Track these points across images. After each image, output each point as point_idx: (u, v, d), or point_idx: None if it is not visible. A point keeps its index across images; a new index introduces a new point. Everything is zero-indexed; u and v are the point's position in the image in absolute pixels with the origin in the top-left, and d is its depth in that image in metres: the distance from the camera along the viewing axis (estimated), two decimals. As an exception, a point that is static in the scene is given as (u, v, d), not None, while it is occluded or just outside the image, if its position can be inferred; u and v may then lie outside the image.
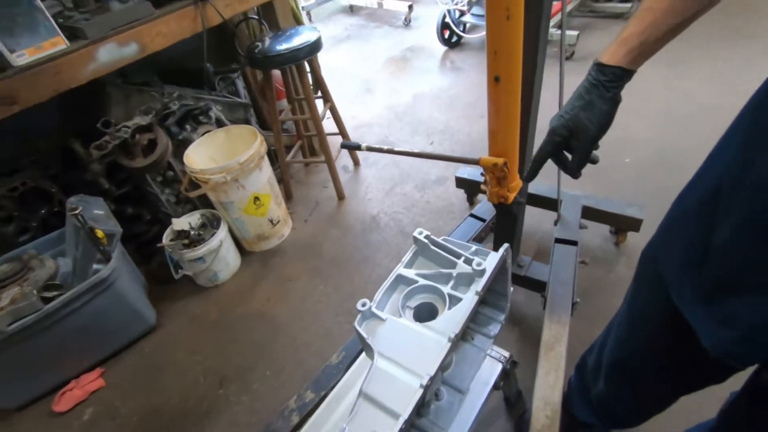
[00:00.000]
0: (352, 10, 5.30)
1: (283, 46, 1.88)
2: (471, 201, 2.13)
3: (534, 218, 1.94)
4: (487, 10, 0.90)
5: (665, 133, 2.29)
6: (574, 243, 1.57)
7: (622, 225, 1.71)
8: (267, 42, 1.94)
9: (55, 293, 1.52)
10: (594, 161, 0.78)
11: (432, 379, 0.76)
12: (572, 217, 1.68)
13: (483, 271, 0.90)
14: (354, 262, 1.97)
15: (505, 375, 1.15)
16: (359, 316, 0.91)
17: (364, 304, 0.91)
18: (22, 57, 1.42)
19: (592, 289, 1.65)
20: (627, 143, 2.30)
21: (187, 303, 1.94)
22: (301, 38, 1.93)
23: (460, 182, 2.03)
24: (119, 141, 1.72)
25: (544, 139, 0.78)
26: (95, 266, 1.64)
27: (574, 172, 0.78)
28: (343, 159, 2.64)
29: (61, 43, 1.50)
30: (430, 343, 0.82)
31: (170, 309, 1.92)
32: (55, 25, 1.47)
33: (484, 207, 1.79)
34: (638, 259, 0.84)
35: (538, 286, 1.52)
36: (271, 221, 2.05)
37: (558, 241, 1.59)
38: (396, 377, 0.79)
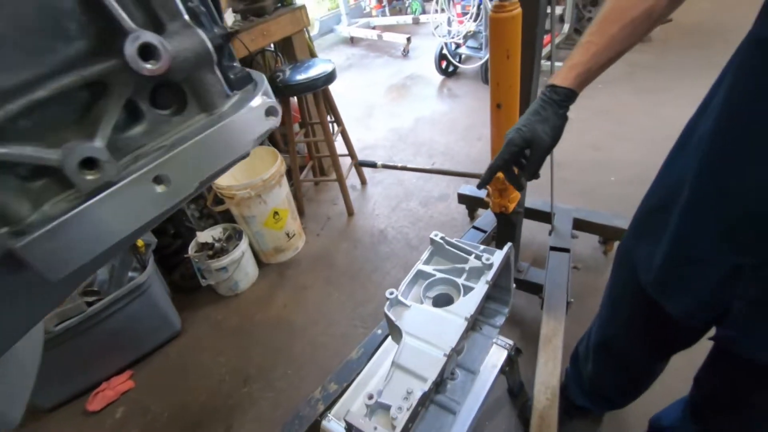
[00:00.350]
0: (352, 41, 5.61)
1: (302, 76, 2.10)
2: (472, 216, 2.31)
3: (530, 230, 2.13)
4: (491, 51, 1.11)
5: (646, 155, 2.51)
6: (566, 250, 1.75)
7: (609, 235, 1.89)
8: (287, 72, 2.15)
9: (94, 299, 1.65)
10: (538, 177, 0.88)
11: (453, 350, 0.92)
12: (565, 228, 1.87)
13: (491, 265, 1.07)
14: (365, 272, 2.13)
15: (510, 361, 1.30)
16: (387, 303, 1.07)
17: (391, 293, 1.07)
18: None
19: (583, 293, 1.82)
20: (612, 164, 2.52)
21: (210, 310, 2.07)
22: (317, 69, 2.15)
23: (462, 198, 2.22)
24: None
25: (501, 150, 0.85)
26: (130, 274, 1.78)
27: (527, 179, 0.88)
28: (351, 179, 2.83)
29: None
30: (449, 323, 0.98)
31: (193, 316, 2.06)
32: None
33: (485, 220, 1.97)
34: (616, 251, 1.02)
35: (536, 289, 1.68)
36: (288, 234, 2.22)
37: (553, 248, 1.76)
38: (423, 350, 0.94)
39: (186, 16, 0.33)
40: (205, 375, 1.79)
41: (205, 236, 2.07)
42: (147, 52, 0.31)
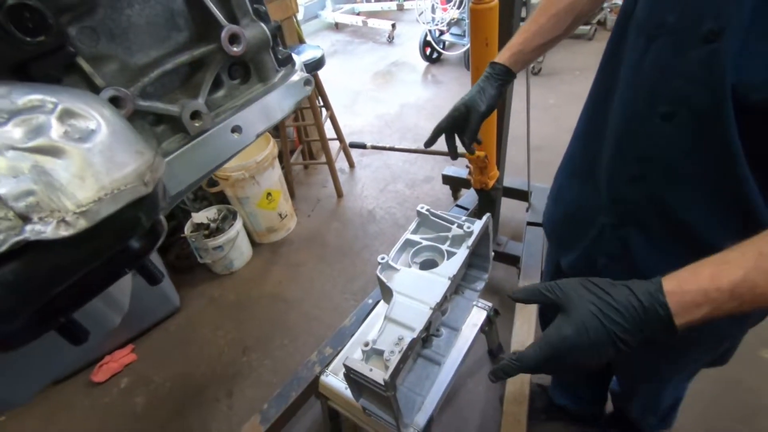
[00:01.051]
0: (337, 27, 5.63)
1: (292, 62, 2.17)
2: (455, 196, 2.44)
3: (509, 209, 2.27)
4: (471, 39, 1.22)
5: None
6: (541, 225, 1.89)
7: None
8: (277, 57, 2.22)
9: (96, 275, 1.73)
10: (479, 141, 1.04)
11: (438, 305, 1.05)
12: (541, 205, 2.00)
13: (472, 232, 1.20)
14: (355, 249, 2.24)
15: (489, 321, 1.44)
16: (379, 266, 1.19)
17: (383, 258, 1.19)
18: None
19: (558, 265, 1.98)
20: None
21: (206, 288, 2.17)
22: (306, 55, 2.22)
23: (446, 179, 2.34)
24: (150, 143, 1.95)
25: (446, 115, 1.00)
26: (130, 252, 1.85)
27: (468, 142, 1.01)
28: (340, 162, 2.92)
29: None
30: (434, 282, 1.11)
31: (191, 293, 2.15)
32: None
33: (468, 199, 2.10)
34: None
35: (514, 260, 1.83)
36: (280, 215, 2.31)
37: (529, 224, 1.91)
38: (411, 306, 1.07)
39: (252, 14, 0.46)
40: (205, 347, 1.89)
41: (200, 217, 2.15)
42: (234, 39, 0.43)
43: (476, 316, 1.38)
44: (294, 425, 1.54)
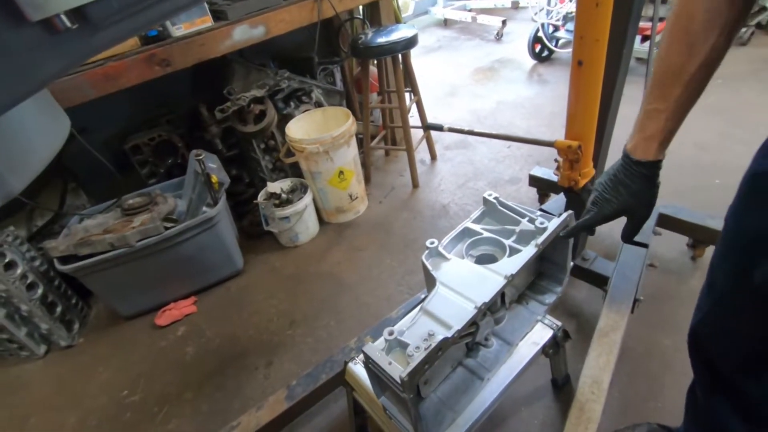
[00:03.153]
0: (446, 23, 5.50)
1: (383, 39, 2.10)
2: (542, 201, 2.16)
3: (606, 225, 1.93)
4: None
5: (767, 159, 2.14)
6: (644, 245, 1.56)
7: (700, 237, 1.66)
8: (369, 35, 2.17)
9: (172, 225, 1.83)
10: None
11: (485, 305, 0.87)
12: (647, 222, 1.67)
13: (545, 229, 0.99)
14: (420, 242, 2.10)
15: (556, 344, 1.20)
16: (426, 252, 1.04)
17: (432, 243, 1.04)
18: (179, 29, 1.77)
19: (661, 297, 1.62)
20: (719, 167, 2.20)
21: (269, 257, 2.20)
22: (399, 34, 2.13)
23: (533, 180, 2.08)
24: (237, 107, 2.02)
25: (595, 218, 0.92)
26: (204, 209, 1.94)
27: (627, 242, 0.95)
28: (421, 153, 2.79)
29: (208, 21, 1.83)
30: (486, 279, 0.93)
31: (255, 260, 2.19)
32: (206, 6, 1.80)
33: (554, 204, 1.82)
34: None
35: (601, 281, 1.53)
36: (351, 196, 2.26)
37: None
38: (453, 301, 0.90)
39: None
40: (256, 312, 1.90)
41: (274, 187, 2.19)
42: None
43: (539, 334, 1.15)
44: (321, 410, 1.46)
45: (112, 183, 2.04)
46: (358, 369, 1.15)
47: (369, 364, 0.83)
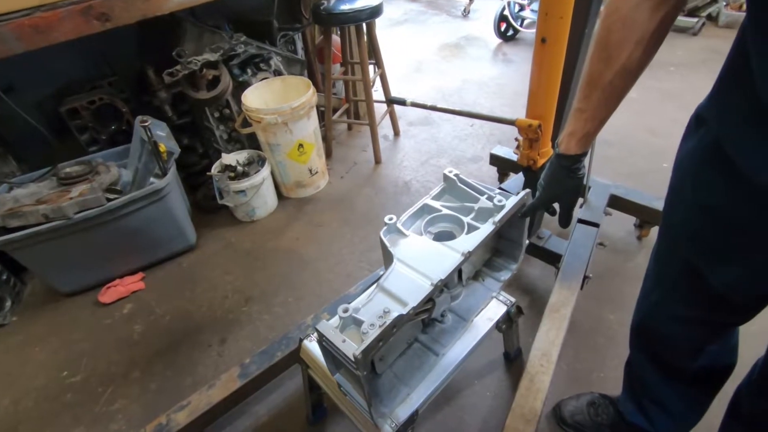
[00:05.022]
0: (414, -5, 5.37)
1: (346, 6, 2.00)
2: (502, 180, 2.18)
3: (561, 204, 1.99)
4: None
5: (710, 145, 2.27)
6: (596, 225, 1.62)
7: (647, 217, 1.74)
8: (332, 1, 2.06)
9: (115, 196, 1.70)
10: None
11: (441, 282, 0.86)
12: (598, 203, 1.72)
13: (502, 207, 0.99)
14: (382, 219, 2.05)
15: (509, 319, 1.23)
16: (385, 228, 1.02)
17: (390, 218, 1.02)
18: (120, -20, 1.60)
19: (608, 274, 1.70)
20: (668, 151, 2.30)
21: (225, 232, 2.11)
22: (363, 2, 2.04)
23: (494, 159, 2.09)
24: (188, 72, 1.88)
25: (533, 201, 1.00)
26: (152, 180, 1.81)
27: (564, 226, 1.02)
28: (385, 128, 2.74)
29: (154, -27, 1.66)
30: (444, 256, 0.92)
31: (209, 234, 2.10)
32: (152, -44, 1.64)
33: (513, 183, 1.84)
34: (662, 216, 0.88)
35: (554, 259, 1.58)
36: (311, 170, 2.19)
37: (581, 221, 1.64)
38: (410, 278, 0.89)
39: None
40: (211, 289, 1.83)
41: (230, 159, 2.08)
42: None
43: (494, 310, 1.17)
44: (277, 387, 1.44)
45: (47, 149, 1.87)
46: (313, 346, 1.13)
47: (323, 341, 0.81)
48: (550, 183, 0.93)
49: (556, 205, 1.00)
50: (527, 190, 1.03)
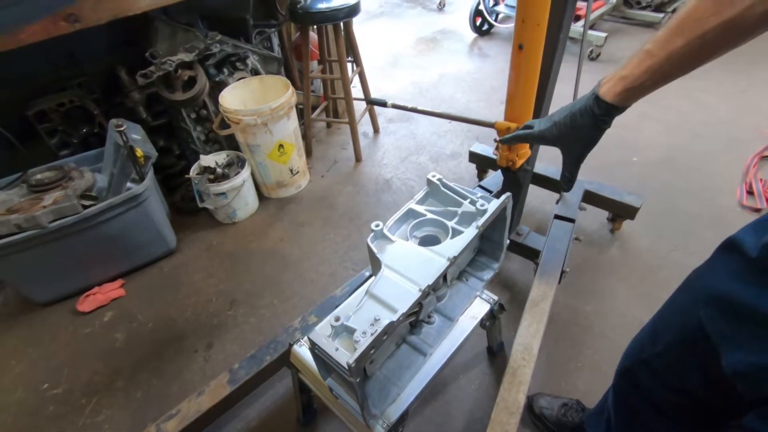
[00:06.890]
0: (388, -13, 5.33)
1: (324, 5, 1.99)
2: (481, 177, 2.23)
3: (538, 199, 2.06)
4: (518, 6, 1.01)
5: (677, 138, 2.37)
6: (571, 220, 1.68)
7: (619, 211, 1.81)
8: (309, 0, 2.04)
9: (91, 203, 1.66)
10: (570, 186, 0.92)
11: (429, 287, 0.89)
12: (573, 199, 1.79)
13: (485, 211, 1.03)
14: (364, 217, 2.10)
15: (492, 316, 1.27)
16: (372, 234, 1.04)
17: (377, 225, 1.04)
18: (88, -21, 1.54)
19: (583, 267, 1.77)
20: (638, 144, 2.40)
21: (206, 234, 2.09)
22: (341, 0, 2.03)
23: (473, 156, 2.14)
24: (163, 73, 1.84)
25: (533, 134, 0.89)
26: (129, 185, 1.77)
27: (566, 187, 0.92)
28: (364, 126, 2.75)
29: (123, -29, 1.61)
30: (430, 261, 0.95)
31: (190, 237, 2.07)
32: (121, -46, 1.58)
33: (492, 180, 1.89)
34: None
35: (533, 254, 1.64)
36: (291, 170, 2.18)
37: (557, 217, 1.70)
38: (398, 284, 0.92)
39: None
40: (194, 293, 1.81)
41: (208, 160, 2.05)
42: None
43: (477, 309, 1.22)
44: (267, 390, 1.45)
45: (12, 155, 1.80)
46: (303, 351, 1.14)
47: (315, 349, 0.83)
48: (566, 121, 0.79)
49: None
50: (509, 193, 1.06)
